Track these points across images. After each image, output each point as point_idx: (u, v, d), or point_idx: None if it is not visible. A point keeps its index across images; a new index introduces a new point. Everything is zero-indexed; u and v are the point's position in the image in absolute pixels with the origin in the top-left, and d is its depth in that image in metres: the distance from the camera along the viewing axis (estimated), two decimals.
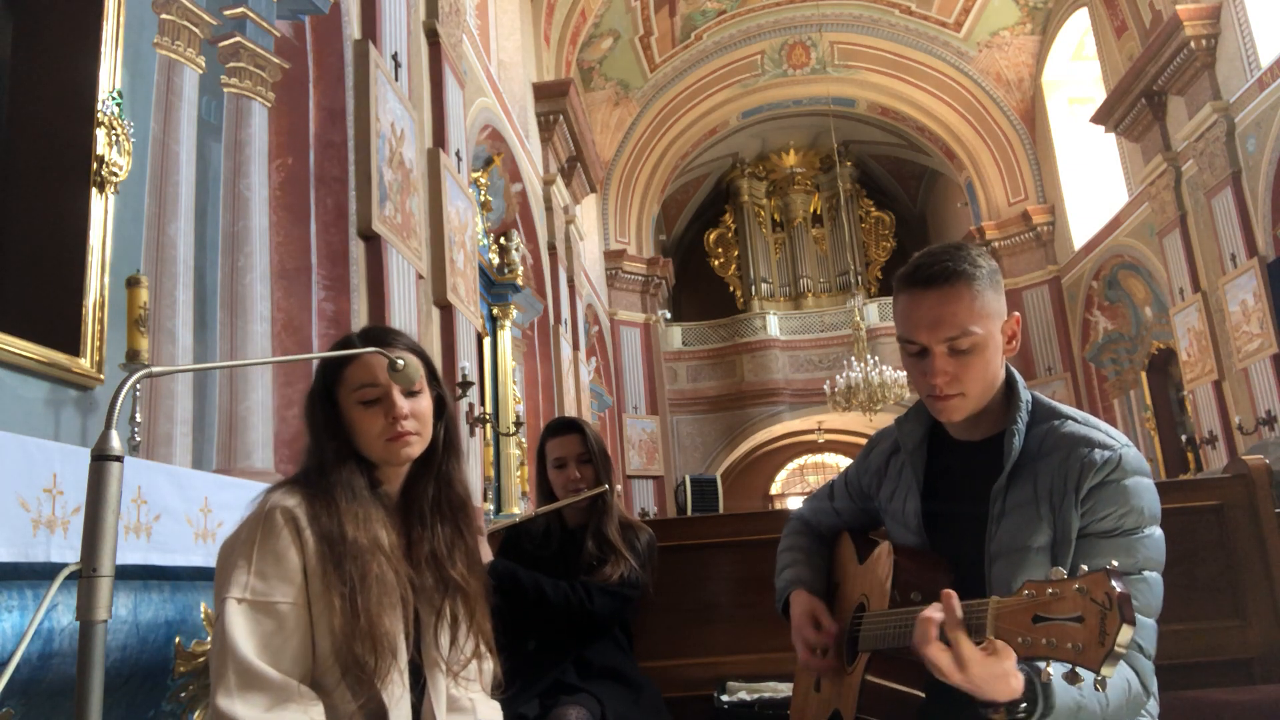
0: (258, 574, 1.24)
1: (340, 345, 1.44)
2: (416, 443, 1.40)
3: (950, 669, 1.13)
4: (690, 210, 18.31)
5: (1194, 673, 2.14)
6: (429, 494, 1.44)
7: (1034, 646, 1.03)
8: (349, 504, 1.31)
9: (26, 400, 2.56)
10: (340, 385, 1.40)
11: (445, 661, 1.38)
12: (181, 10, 3.43)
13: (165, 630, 1.60)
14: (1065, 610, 1.01)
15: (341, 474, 1.34)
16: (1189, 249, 9.97)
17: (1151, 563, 1.28)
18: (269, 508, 1.29)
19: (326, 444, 1.37)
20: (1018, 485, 1.35)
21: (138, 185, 3.15)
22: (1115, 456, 1.30)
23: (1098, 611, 0.98)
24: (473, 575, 1.43)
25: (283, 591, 1.24)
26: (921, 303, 1.35)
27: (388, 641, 1.26)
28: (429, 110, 5.78)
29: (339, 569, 1.25)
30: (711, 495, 10.92)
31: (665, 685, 2.27)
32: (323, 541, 1.27)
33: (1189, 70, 9.54)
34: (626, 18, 12.91)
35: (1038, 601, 1.04)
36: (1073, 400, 12.75)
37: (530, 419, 8.63)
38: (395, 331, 1.48)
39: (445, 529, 1.43)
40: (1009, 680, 1.13)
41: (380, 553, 1.30)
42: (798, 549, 1.70)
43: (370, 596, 1.26)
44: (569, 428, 2.37)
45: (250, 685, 1.18)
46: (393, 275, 4.62)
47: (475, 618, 1.41)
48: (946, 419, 1.41)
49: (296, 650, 1.24)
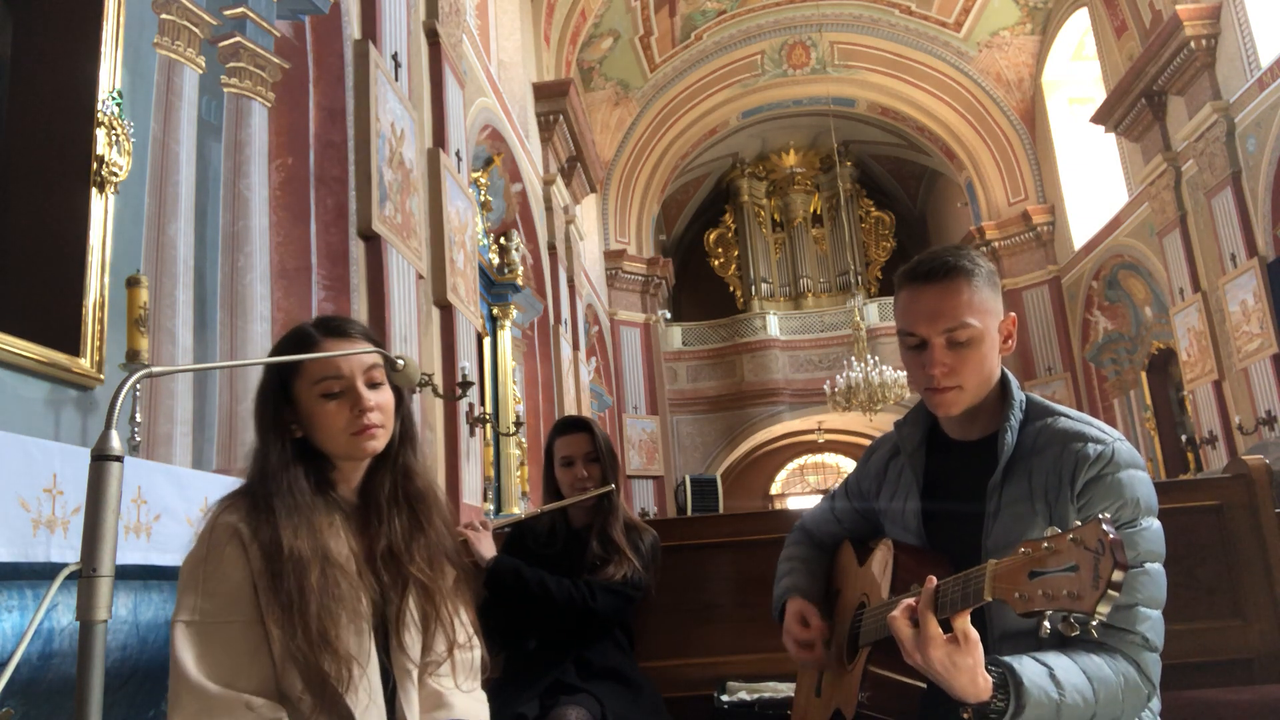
0: (204, 594, 1.21)
1: (293, 337, 1.39)
2: (381, 435, 1.35)
3: (911, 645, 1.16)
4: (690, 210, 18.31)
5: (1194, 673, 2.14)
6: (385, 486, 1.39)
7: (1031, 600, 1.05)
8: (288, 515, 1.26)
9: (26, 400, 2.56)
10: (299, 378, 1.34)
11: (416, 664, 1.33)
12: (181, 10, 3.43)
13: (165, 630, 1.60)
14: (1060, 562, 1.04)
15: (284, 480, 1.29)
16: (1189, 249, 9.97)
17: (1152, 554, 1.29)
18: (211, 525, 1.26)
19: (271, 446, 1.32)
20: (1013, 482, 1.37)
21: (138, 185, 3.15)
22: (1108, 450, 1.32)
23: (1091, 558, 1.00)
24: (438, 569, 1.38)
25: (229, 611, 1.21)
26: (922, 296, 1.39)
27: (342, 653, 1.22)
28: (429, 110, 5.78)
29: (277, 582, 1.22)
30: (711, 495, 10.92)
31: (665, 685, 2.27)
32: (263, 556, 1.23)
33: (1189, 70, 9.53)
34: (626, 18, 12.91)
35: (1033, 558, 1.06)
36: (1073, 400, 12.75)
37: (530, 419, 8.63)
38: (350, 320, 1.44)
39: (401, 522, 1.37)
40: (975, 677, 1.14)
41: (325, 562, 1.26)
42: (796, 559, 1.72)
43: (311, 608, 1.21)
44: (577, 426, 2.37)
45: (206, 709, 1.15)
46: (393, 275, 4.62)
47: (443, 613, 1.36)
48: (944, 413, 1.43)
49: (249, 666, 1.20)
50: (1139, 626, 1.25)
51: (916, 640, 1.16)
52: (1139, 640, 1.25)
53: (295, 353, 1.35)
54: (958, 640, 1.14)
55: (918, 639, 1.16)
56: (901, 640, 1.17)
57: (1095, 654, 1.24)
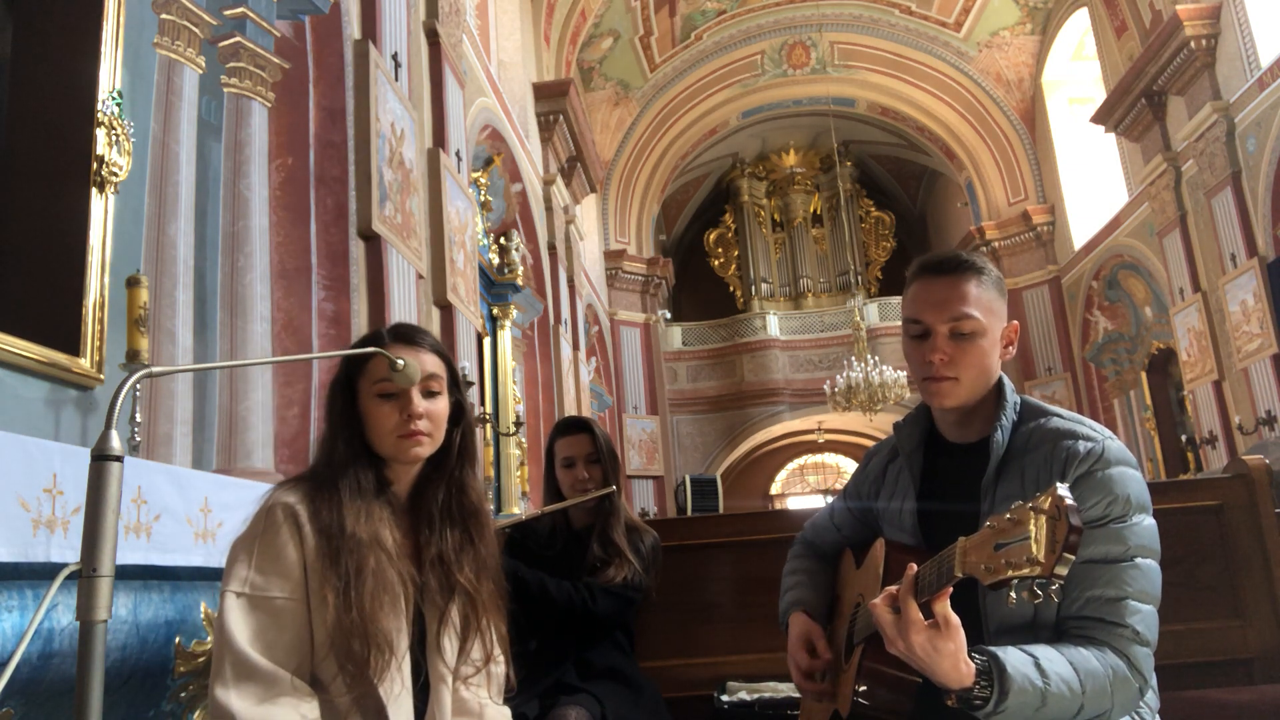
0: (257, 569, 1.26)
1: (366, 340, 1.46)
2: (427, 444, 1.41)
3: (892, 631, 1.19)
4: (690, 210, 18.32)
5: (1194, 673, 2.15)
6: (439, 498, 1.45)
7: (997, 570, 1.07)
8: (352, 499, 1.33)
9: (26, 400, 2.56)
10: (362, 376, 1.41)
11: (451, 668, 1.38)
12: (181, 10, 3.43)
13: (165, 630, 1.60)
14: (1022, 532, 1.06)
15: (350, 469, 1.36)
16: (1189, 249, 9.97)
17: (1143, 550, 1.30)
18: (271, 504, 1.31)
19: (339, 436, 1.39)
20: (1006, 481, 1.39)
21: (138, 185, 3.15)
22: (1098, 448, 1.33)
23: (1047, 523, 1.03)
24: (483, 582, 1.43)
25: (280, 586, 1.26)
26: (932, 286, 1.44)
27: (383, 636, 1.27)
28: (429, 110, 5.78)
29: (335, 561, 1.27)
30: (711, 495, 10.92)
31: (665, 685, 2.27)
32: (321, 536, 1.29)
33: (1189, 70, 9.54)
34: (626, 18, 12.91)
35: (997, 530, 1.09)
36: (1073, 400, 12.76)
37: (530, 419, 8.63)
38: (422, 331, 1.49)
39: (454, 533, 1.43)
40: (958, 662, 1.16)
41: (380, 548, 1.32)
42: (800, 571, 1.73)
43: (365, 590, 1.27)
44: (579, 427, 2.37)
45: (245, 677, 1.20)
46: (393, 275, 4.62)
47: (483, 623, 1.41)
48: (938, 404, 1.45)
49: (292, 644, 1.25)
50: (1129, 619, 1.26)
51: (898, 626, 1.18)
52: (1129, 634, 1.26)
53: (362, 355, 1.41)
54: (939, 625, 1.15)
55: (899, 625, 1.18)
56: (883, 626, 1.20)
57: (1084, 647, 1.25)
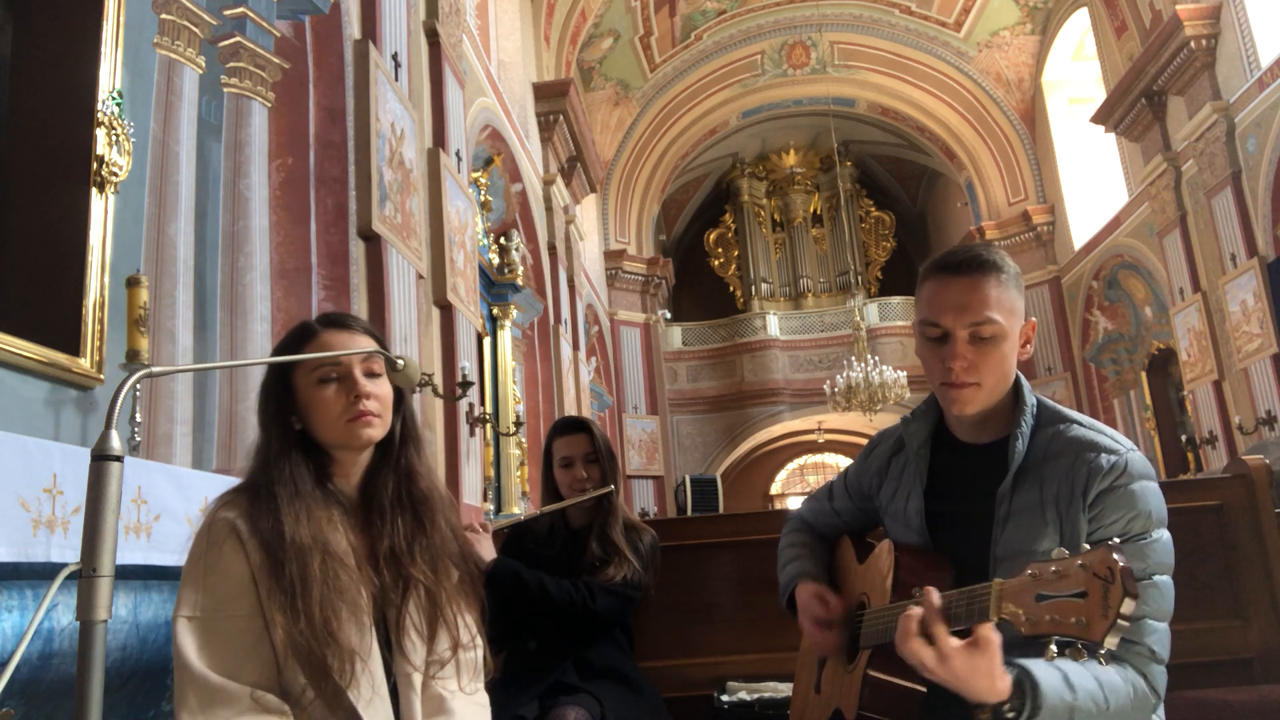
0: (205, 590, 1.22)
1: (297, 332, 1.42)
2: (378, 424, 1.36)
3: (933, 664, 1.14)
4: (690, 210, 18.31)
5: (1194, 673, 2.14)
6: (389, 488, 1.39)
7: (1038, 624, 1.03)
8: (290, 503, 1.27)
9: (26, 400, 2.56)
10: (297, 367, 1.36)
11: (419, 667, 1.32)
12: (181, 10, 3.43)
13: (165, 630, 1.60)
14: (1068, 587, 1.02)
15: (285, 468, 1.30)
16: (1189, 249, 9.97)
17: (1161, 566, 1.28)
18: (209, 521, 1.27)
19: (272, 436, 1.34)
20: (1023, 488, 1.35)
21: (138, 185, 3.15)
22: (1122, 461, 1.30)
23: (1100, 585, 0.99)
24: (440, 571, 1.38)
25: (231, 605, 1.22)
26: (950, 287, 1.36)
27: (342, 643, 1.22)
28: (429, 110, 5.78)
29: (279, 573, 1.22)
30: (711, 495, 10.91)
31: (665, 685, 2.27)
32: (262, 549, 1.24)
33: (1189, 70, 9.53)
34: (626, 18, 12.90)
35: (1041, 580, 1.05)
36: (1073, 400, 12.75)
37: (530, 419, 8.63)
38: (353, 316, 1.47)
39: (405, 523, 1.38)
40: (994, 678, 1.13)
41: (324, 552, 1.26)
42: (800, 544, 1.70)
43: (313, 599, 1.22)
44: (577, 427, 2.37)
45: (210, 701, 1.16)
46: (393, 275, 4.62)
47: (447, 614, 1.35)
48: (958, 411, 1.39)
49: (253, 660, 1.21)
50: (1146, 639, 1.25)
51: (937, 658, 1.13)
52: (1145, 652, 1.25)
53: (297, 347, 1.37)
54: (977, 644, 1.12)
55: (939, 659, 1.13)
56: (923, 663, 1.15)
57: (1106, 663, 1.23)
